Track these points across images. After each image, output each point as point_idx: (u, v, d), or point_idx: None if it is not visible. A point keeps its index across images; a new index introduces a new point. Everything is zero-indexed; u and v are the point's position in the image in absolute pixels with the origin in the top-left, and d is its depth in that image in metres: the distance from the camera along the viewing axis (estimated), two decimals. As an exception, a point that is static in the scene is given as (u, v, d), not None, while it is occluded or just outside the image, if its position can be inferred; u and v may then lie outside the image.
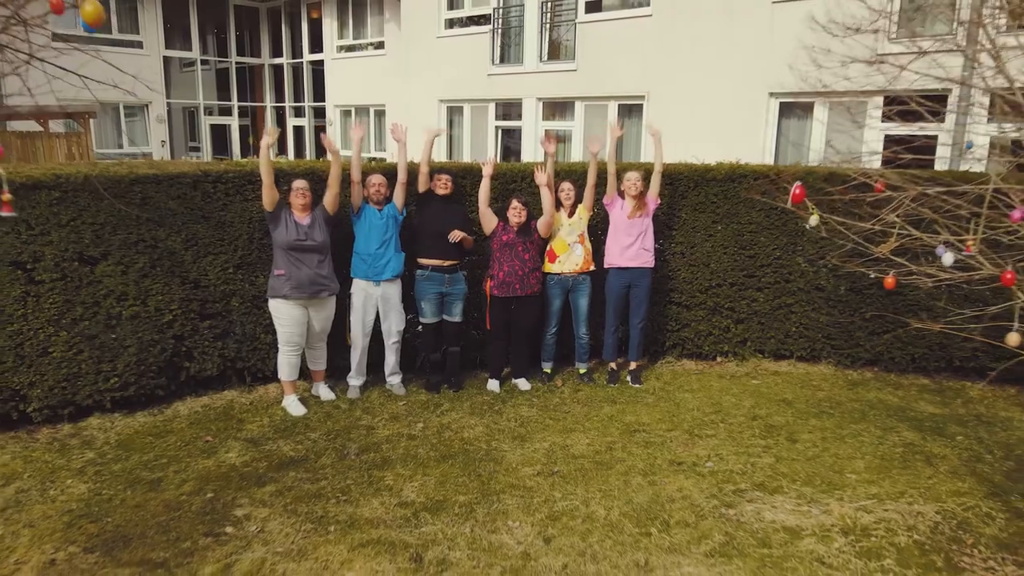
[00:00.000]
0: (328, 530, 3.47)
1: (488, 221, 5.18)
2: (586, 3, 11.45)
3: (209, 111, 18.91)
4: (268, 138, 4.57)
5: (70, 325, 4.46)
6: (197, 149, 19.17)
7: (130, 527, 3.47)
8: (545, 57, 12.19)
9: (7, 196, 3.14)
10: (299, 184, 4.65)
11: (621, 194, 5.37)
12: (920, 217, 3.17)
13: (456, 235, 4.98)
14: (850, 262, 4.00)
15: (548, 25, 12.10)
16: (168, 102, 17.77)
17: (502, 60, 12.80)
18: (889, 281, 3.15)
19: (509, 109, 12.89)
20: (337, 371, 5.33)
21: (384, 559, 3.24)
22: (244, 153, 19.50)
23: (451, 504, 3.75)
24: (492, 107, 13.04)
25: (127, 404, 4.79)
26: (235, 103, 19.42)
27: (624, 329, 5.64)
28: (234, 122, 19.48)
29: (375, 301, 5.09)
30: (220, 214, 4.90)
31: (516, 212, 5.11)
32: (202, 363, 5.01)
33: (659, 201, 5.44)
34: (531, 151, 12.37)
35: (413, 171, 5.25)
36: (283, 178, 4.88)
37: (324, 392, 5.17)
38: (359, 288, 5.03)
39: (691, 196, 5.90)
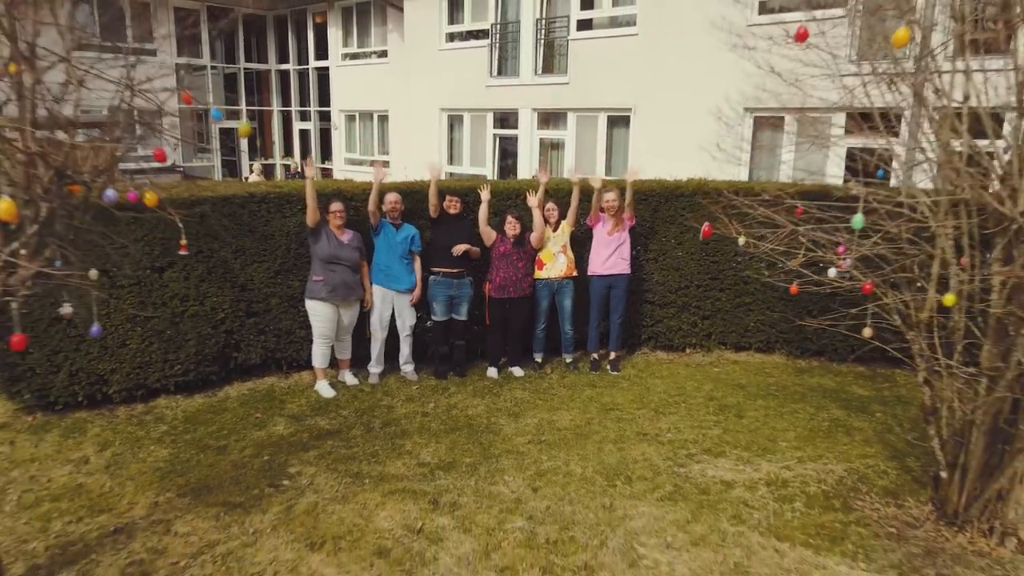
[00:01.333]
0: (363, 483, 4.47)
1: (487, 236, 6.17)
2: (578, 21, 12.40)
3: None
4: (310, 170, 5.56)
5: (143, 322, 5.45)
6: (207, 150, 20.10)
7: (208, 480, 4.47)
8: (539, 71, 13.14)
9: (184, 242, 3.98)
10: (336, 207, 5.64)
11: (603, 209, 6.36)
12: (823, 228, 4.15)
13: (459, 249, 5.97)
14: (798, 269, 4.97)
15: (542, 41, 13.05)
16: (179, 107, 18.68)
17: (499, 72, 13.75)
18: (793, 288, 4.16)
19: (506, 118, 13.85)
20: (359, 360, 6.33)
21: (409, 502, 4.24)
22: (252, 156, 20.42)
23: (459, 464, 4.75)
24: (490, 116, 14.00)
25: (187, 387, 5.79)
26: (243, 107, 20.34)
27: (605, 324, 6.64)
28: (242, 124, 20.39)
29: (391, 302, 6.09)
30: (263, 228, 5.88)
31: (512, 226, 6.11)
32: (247, 353, 6.01)
33: (633, 221, 6.44)
34: (526, 157, 13.35)
35: (423, 193, 6.20)
36: (321, 198, 5.86)
37: (349, 378, 6.17)
38: (378, 291, 6.02)
39: (663, 210, 6.89)
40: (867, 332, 3.78)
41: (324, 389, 5.91)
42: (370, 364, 6.24)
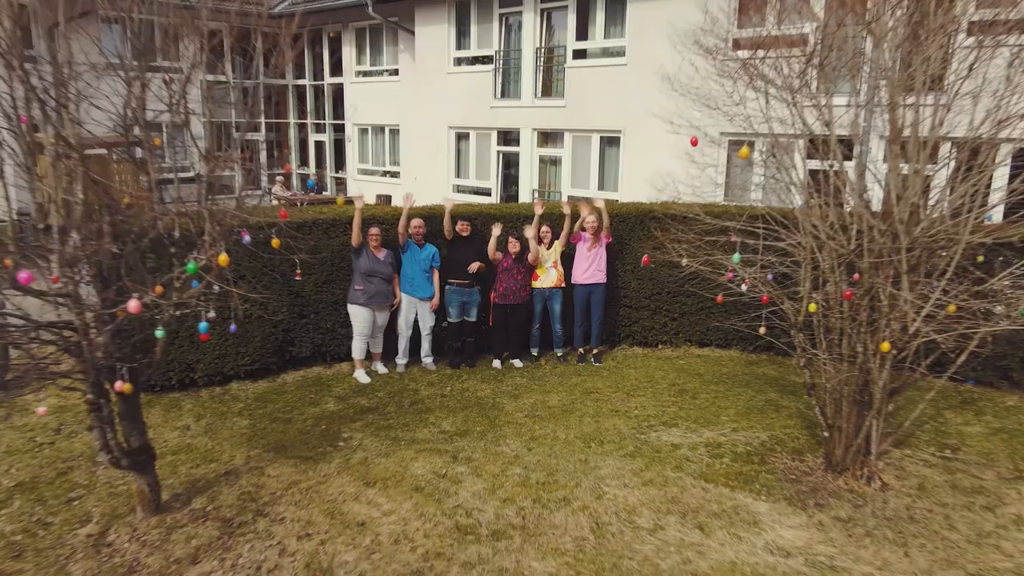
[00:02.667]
0: (400, 444, 6.00)
1: (495, 258, 7.68)
2: (573, 51, 13.91)
3: (238, 127, 21.38)
4: (359, 203, 7.09)
5: (221, 322, 6.98)
6: (229, 158, 21.61)
7: (283, 441, 6.00)
8: (539, 94, 14.66)
9: (299, 271, 5.42)
10: (374, 230, 7.16)
11: (584, 229, 7.88)
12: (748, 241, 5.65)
13: (473, 267, 7.50)
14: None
15: (541, 68, 14.56)
16: (203, 121, 20.25)
17: (503, 95, 15.27)
18: (719, 298, 5.67)
19: (509, 137, 15.36)
20: (388, 353, 7.85)
21: (435, 457, 5.76)
22: (270, 165, 21.96)
23: (471, 432, 6.27)
24: (494, 134, 15.52)
25: (253, 374, 7.33)
26: (263, 120, 21.89)
27: (587, 324, 8.16)
28: (261, 137, 21.96)
29: (415, 307, 7.61)
30: (315, 246, 7.41)
31: (513, 245, 7.63)
32: (300, 347, 7.54)
33: (610, 239, 7.96)
34: (527, 172, 14.87)
35: (441, 216, 7.70)
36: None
37: (381, 367, 7.70)
38: (405, 298, 7.54)
39: (638, 229, 8.39)
40: (762, 330, 5.32)
41: (361, 376, 7.44)
42: (397, 356, 7.77)
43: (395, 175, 19.88)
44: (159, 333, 4.23)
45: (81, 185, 4.03)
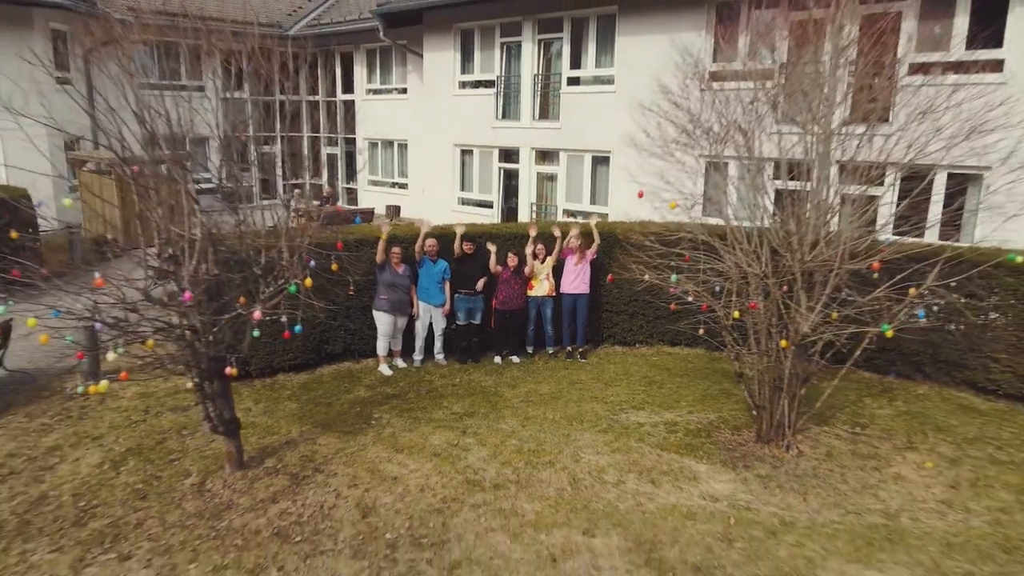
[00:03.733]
0: (420, 422, 7.59)
1: (495, 270, 9.27)
2: (567, 78, 15.51)
3: (257, 141, 23.06)
4: (387, 229, 8.67)
5: (270, 324, 8.57)
6: (247, 169, 23.25)
7: (326, 420, 7.60)
8: (537, 116, 16.26)
9: (351, 288, 7.06)
10: (395, 249, 8.75)
11: (571, 249, 9.47)
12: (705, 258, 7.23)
13: (480, 285, 9.09)
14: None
15: (539, 93, 16.17)
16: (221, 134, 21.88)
17: (504, 116, 16.88)
18: (672, 306, 7.27)
19: (509, 154, 16.96)
20: (406, 351, 9.43)
21: (448, 432, 7.35)
22: (285, 176, 23.58)
23: (477, 413, 7.86)
24: (496, 152, 17.14)
25: (295, 368, 8.92)
26: (279, 134, 23.53)
27: (573, 327, 9.75)
28: (278, 149, 23.61)
29: (429, 312, 9.20)
30: (347, 260, 9.00)
31: (512, 259, 9.22)
32: (333, 345, 9.14)
33: (595, 255, 9.55)
34: (526, 187, 16.47)
35: (450, 236, 9.28)
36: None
37: (400, 363, 9.29)
38: (421, 305, 9.13)
39: (618, 246, 9.97)
40: (701, 331, 6.93)
41: (385, 370, 9.04)
42: (414, 353, 9.36)
43: (403, 186, 21.52)
44: (255, 333, 5.83)
45: (199, 223, 5.58)
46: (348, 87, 22.66)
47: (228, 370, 5.77)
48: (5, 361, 8.44)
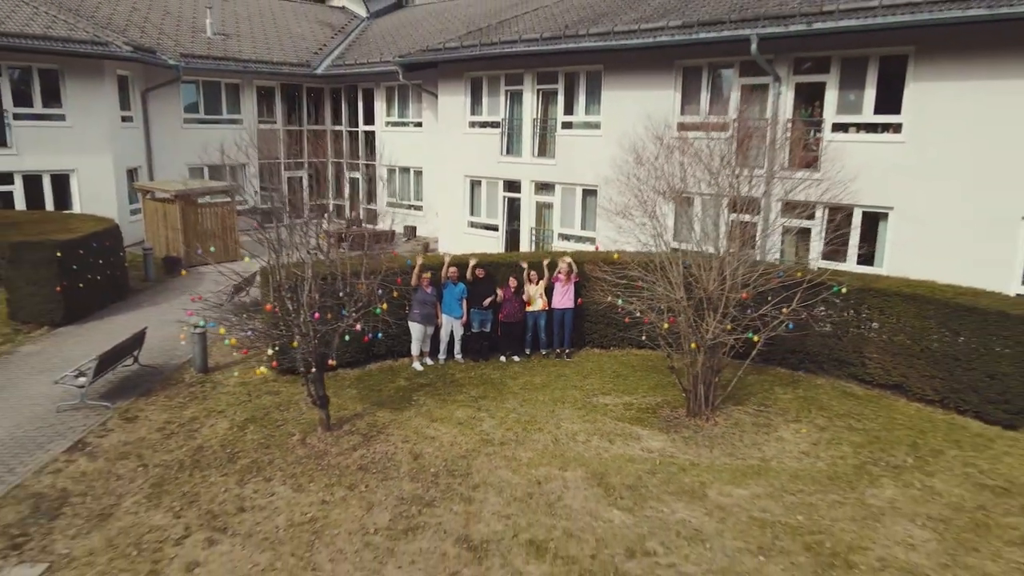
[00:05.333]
0: (447, 403, 10.78)
1: (500, 295, 12.46)
2: (562, 123, 18.73)
3: (287, 166, 26.36)
4: (420, 260, 11.87)
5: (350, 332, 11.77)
6: (276, 189, 26.53)
7: (378, 401, 10.79)
8: (536, 154, 19.47)
9: (384, 306, 10.35)
10: (426, 275, 11.93)
11: (558, 276, 12.65)
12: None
13: (487, 302, 12.29)
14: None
15: (538, 133, 19.39)
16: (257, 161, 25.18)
17: (508, 152, 20.09)
18: (627, 319, 10.44)
19: (513, 185, 20.17)
20: (433, 352, 12.61)
21: (468, 409, 10.53)
22: (311, 196, 26.81)
23: (488, 396, 11.05)
24: (501, 183, 20.35)
25: (351, 364, 12.11)
26: (305, 159, 26.82)
27: (562, 334, 12.93)
28: (304, 173, 26.89)
29: (451, 323, 12.39)
30: (391, 282, 12.18)
31: (512, 283, 12.41)
32: (378, 348, 12.33)
33: (578, 279, 12.75)
34: (527, 213, 19.66)
35: (464, 264, 12.47)
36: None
37: (428, 361, 12.48)
38: (444, 317, 12.32)
39: (597, 270, 13.13)
40: (644, 336, 10.14)
41: (417, 366, 12.22)
42: (439, 354, 12.55)
43: (418, 208, 24.77)
44: (346, 338, 9.04)
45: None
46: (369, 119, 25.94)
47: (330, 361, 8.97)
48: (140, 358, 11.66)
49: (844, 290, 10.16)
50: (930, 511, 7.88)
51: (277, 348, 9.05)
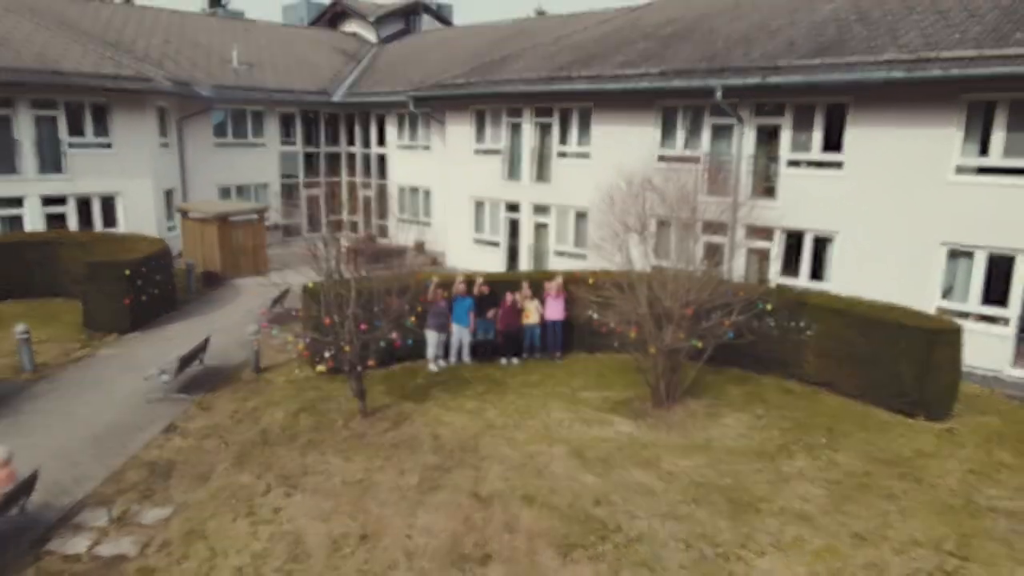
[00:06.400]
0: (457, 396, 13.45)
1: (491, 313, 15.15)
2: (557, 152, 21.43)
3: (306, 185, 29.10)
4: (436, 279, 14.55)
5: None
6: (296, 206, 29.28)
7: (404, 395, 13.47)
8: (534, 179, 22.17)
9: (414, 318, 13.02)
10: (440, 291, 14.61)
11: (549, 292, 15.33)
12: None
13: (490, 314, 14.97)
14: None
15: (536, 161, 22.09)
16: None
17: (509, 177, 22.79)
18: (603, 329, 13.11)
19: (513, 206, 22.86)
20: (446, 356, 15.27)
21: (475, 401, 13.21)
22: (328, 213, 29.57)
23: (491, 392, 13.73)
24: (503, 204, 23.05)
25: (379, 365, 14.77)
26: (322, 178, 29.54)
27: (555, 340, 15.59)
28: (320, 191, 29.62)
29: (460, 331, 15.06)
30: (411, 296, 14.86)
31: (509, 298, 15.09)
32: (400, 352, 15.01)
33: (566, 293, 15.43)
34: (526, 232, 22.35)
35: (472, 282, 15.14)
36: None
37: (442, 363, 15.16)
38: (455, 327, 14.99)
39: (583, 287, 15.79)
40: (616, 343, 12.82)
41: (433, 367, 14.90)
42: (451, 357, 15.23)
43: (427, 224, 27.47)
44: (382, 343, 11.74)
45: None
46: (382, 142, 28.67)
47: (370, 362, 11.67)
48: (204, 360, 14.36)
49: (769, 307, 12.85)
50: (828, 476, 10.54)
51: (333, 352, 11.77)
